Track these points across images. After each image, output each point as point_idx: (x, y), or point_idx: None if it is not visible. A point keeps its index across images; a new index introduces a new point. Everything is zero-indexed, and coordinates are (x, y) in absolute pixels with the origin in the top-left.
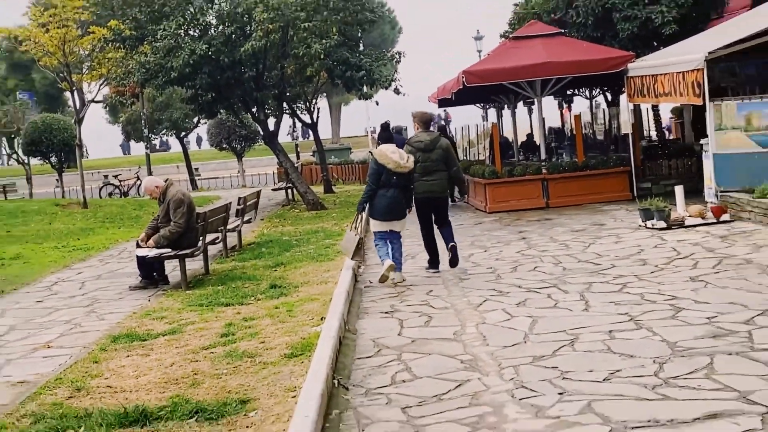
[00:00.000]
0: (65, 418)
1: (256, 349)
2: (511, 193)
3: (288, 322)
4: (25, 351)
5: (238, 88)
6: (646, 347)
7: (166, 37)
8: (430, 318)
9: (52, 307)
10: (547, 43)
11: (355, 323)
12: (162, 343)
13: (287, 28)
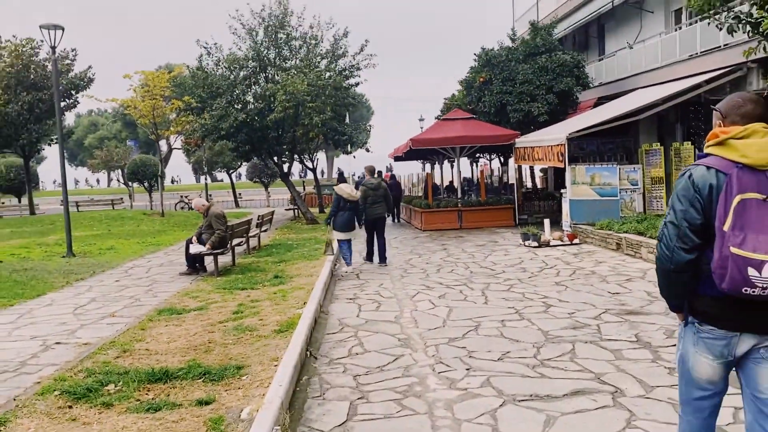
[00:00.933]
0: (109, 374)
1: (256, 324)
2: (437, 218)
3: (281, 305)
4: (96, 318)
5: (266, 144)
6: (527, 334)
7: (219, 109)
8: (379, 304)
9: (124, 286)
10: (465, 124)
11: (329, 306)
12: (192, 317)
13: (298, 106)
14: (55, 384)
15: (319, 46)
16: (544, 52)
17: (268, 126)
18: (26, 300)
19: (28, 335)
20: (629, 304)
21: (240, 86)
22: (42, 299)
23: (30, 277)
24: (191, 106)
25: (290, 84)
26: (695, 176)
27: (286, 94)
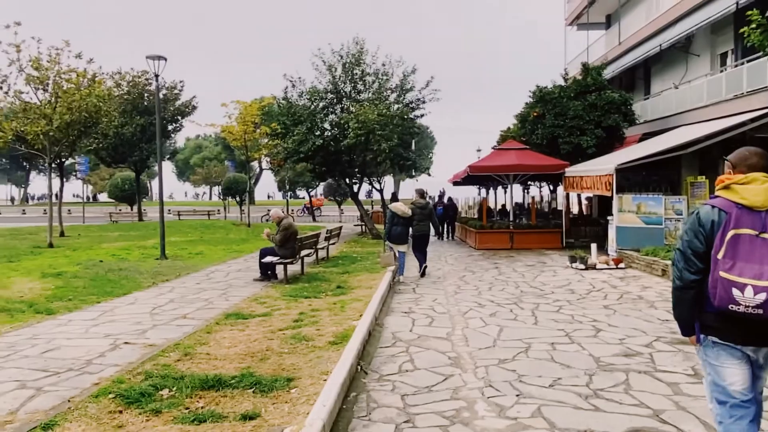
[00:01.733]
0: (166, 378)
1: (312, 334)
2: (490, 238)
3: (339, 315)
4: (169, 319)
5: (339, 166)
6: (578, 360)
7: (300, 134)
8: (433, 319)
9: (202, 288)
10: (518, 153)
11: (384, 319)
12: (255, 323)
13: (369, 134)
14: (111, 386)
15: (389, 81)
16: (594, 91)
17: (342, 150)
18: (113, 298)
19: (103, 333)
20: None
21: (319, 115)
22: (127, 298)
23: (122, 276)
24: (276, 131)
25: (362, 114)
26: (701, 214)
27: (358, 122)
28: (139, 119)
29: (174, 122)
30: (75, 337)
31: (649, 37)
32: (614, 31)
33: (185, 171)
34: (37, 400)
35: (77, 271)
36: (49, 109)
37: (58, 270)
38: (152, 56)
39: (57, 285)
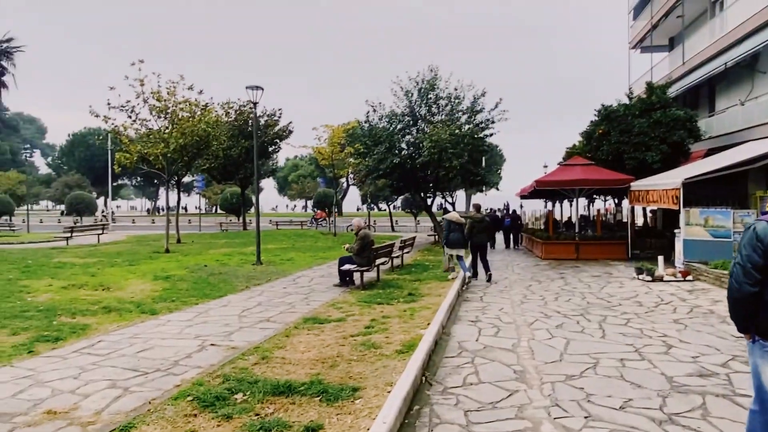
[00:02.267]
0: (242, 382)
1: (381, 342)
2: (556, 248)
3: (408, 323)
4: (255, 322)
5: (414, 182)
6: (650, 379)
7: (379, 154)
8: (499, 329)
9: (287, 293)
10: (584, 168)
11: (451, 327)
12: (330, 328)
13: (441, 152)
14: (191, 388)
15: (461, 104)
16: (659, 108)
17: (417, 167)
18: (210, 300)
19: (194, 335)
20: None
21: (396, 136)
22: (222, 300)
23: (221, 280)
24: (359, 151)
25: (435, 134)
26: (758, 229)
27: (432, 142)
28: (244, 142)
29: (273, 144)
30: (169, 338)
31: (713, 56)
32: (678, 52)
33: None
34: (123, 400)
35: (184, 275)
36: (167, 134)
37: (168, 273)
38: (251, 86)
39: (164, 287)
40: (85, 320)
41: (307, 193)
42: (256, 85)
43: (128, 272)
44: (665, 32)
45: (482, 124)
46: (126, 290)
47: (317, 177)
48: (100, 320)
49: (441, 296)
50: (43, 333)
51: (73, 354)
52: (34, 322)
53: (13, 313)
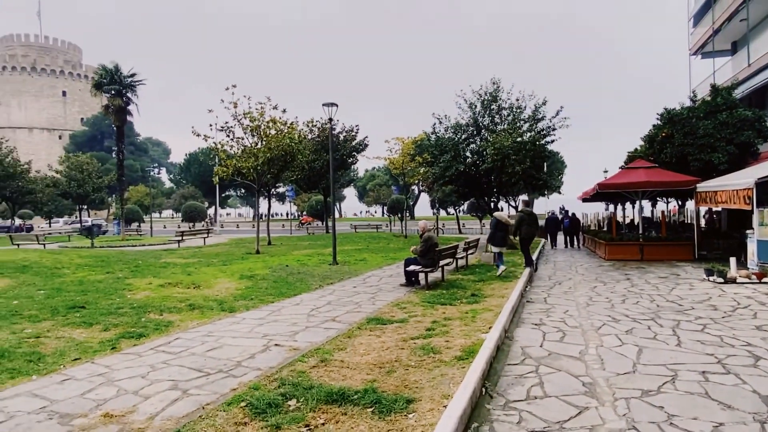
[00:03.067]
0: (297, 387)
1: (441, 346)
2: (620, 249)
3: (470, 326)
4: (321, 321)
5: (479, 187)
6: (740, 397)
7: (445, 162)
8: (564, 334)
9: (356, 292)
10: (647, 171)
11: (514, 331)
12: (392, 329)
13: (504, 158)
14: (246, 393)
15: (523, 113)
16: (725, 110)
17: (481, 174)
18: (284, 298)
19: (262, 334)
20: None
21: (461, 145)
22: (295, 299)
23: (298, 279)
24: (427, 160)
25: (498, 141)
26: None
27: (495, 149)
28: (325, 156)
29: (351, 157)
30: (239, 336)
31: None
32: (742, 54)
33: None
34: (179, 404)
35: (266, 274)
36: (256, 150)
37: (253, 273)
38: (327, 103)
39: (247, 286)
40: (170, 317)
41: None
42: (331, 102)
43: (219, 271)
44: (727, 37)
45: (543, 131)
46: (213, 288)
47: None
48: (184, 317)
49: (504, 297)
50: (130, 329)
51: (149, 351)
52: (125, 319)
53: (110, 309)
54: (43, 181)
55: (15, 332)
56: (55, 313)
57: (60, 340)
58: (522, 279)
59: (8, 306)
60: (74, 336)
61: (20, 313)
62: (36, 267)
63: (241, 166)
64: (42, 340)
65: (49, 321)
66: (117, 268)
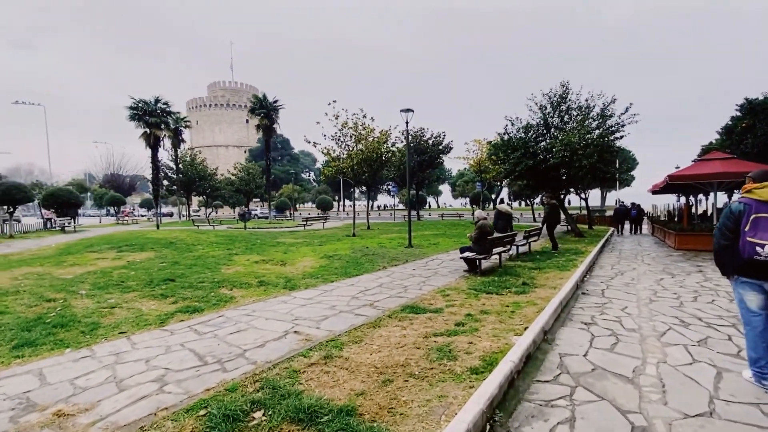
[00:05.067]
0: (273, 395)
1: (461, 349)
2: (691, 239)
3: (505, 323)
4: (358, 305)
5: (547, 181)
6: None
7: (514, 158)
8: (617, 340)
9: (411, 275)
10: (723, 162)
11: (557, 331)
12: (420, 321)
13: (572, 154)
14: (214, 397)
15: (591, 112)
16: None
17: (550, 168)
18: (345, 278)
19: (295, 316)
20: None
21: (531, 143)
22: (354, 279)
23: (369, 260)
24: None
25: (566, 138)
26: (732, 206)
27: (563, 145)
28: (416, 157)
29: (438, 159)
30: (272, 318)
31: None
32: None
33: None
34: (140, 404)
35: (346, 254)
36: (353, 153)
37: (336, 252)
38: (404, 109)
39: (322, 265)
40: (236, 293)
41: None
42: (408, 108)
43: (311, 251)
44: None
45: (612, 127)
46: (295, 266)
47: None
48: (247, 294)
49: (556, 288)
50: (193, 303)
51: (183, 329)
52: (198, 293)
53: (192, 283)
54: (224, 182)
55: (100, 302)
56: (148, 285)
57: (129, 311)
58: (581, 268)
59: (121, 276)
60: (143, 308)
61: (124, 283)
62: (180, 243)
63: (341, 167)
64: (115, 310)
65: (136, 292)
66: (236, 246)
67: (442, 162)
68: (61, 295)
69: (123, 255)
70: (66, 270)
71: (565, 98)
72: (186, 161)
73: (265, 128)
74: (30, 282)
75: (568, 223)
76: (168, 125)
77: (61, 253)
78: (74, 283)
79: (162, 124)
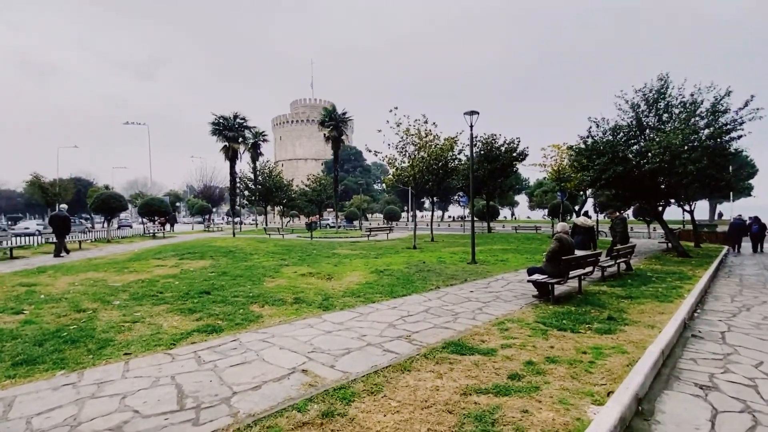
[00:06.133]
0: None
1: (511, 422)
2: None
3: (579, 380)
4: (392, 337)
5: (641, 190)
6: None
7: (600, 164)
8: (755, 421)
9: (468, 299)
10: None
11: (659, 397)
12: (463, 367)
13: (673, 158)
14: None
15: (698, 108)
16: None
17: (644, 175)
18: (389, 299)
19: (313, 347)
20: None
21: (620, 146)
22: (398, 301)
23: (422, 277)
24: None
25: (665, 139)
26: None
27: (661, 147)
28: (487, 165)
29: (511, 166)
30: (285, 348)
31: None
32: None
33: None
34: None
35: (398, 270)
36: (415, 161)
37: (388, 267)
38: (467, 112)
39: (369, 281)
40: (266, 311)
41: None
42: (472, 110)
43: (364, 264)
44: None
45: (727, 125)
46: (341, 281)
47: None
48: (276, 313)
49: (654, 328)
50: (217, 322)
51: (187, 354)
52: (227, 309)
53: (225, 297)
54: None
55: (126, 315)
56: (182, 298)
57: (149, 327)
58: (689, 299)
59: (165, 285)
60: (164, 324)
61: (162, 294)
62: (238, 252)
63: (402, 175)
64: (136, 325)
65: (168, 305)
66: (291, 256)
67: (516, 170)
68: (95, 305)
69: (182, 263)
70: (122, 277)
71: (663, 93)
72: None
73: (334, 139)
74: (81, 288)
75: (669, 240)
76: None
77: (132, 258)
78: (118, 291)
79: (239, 138)
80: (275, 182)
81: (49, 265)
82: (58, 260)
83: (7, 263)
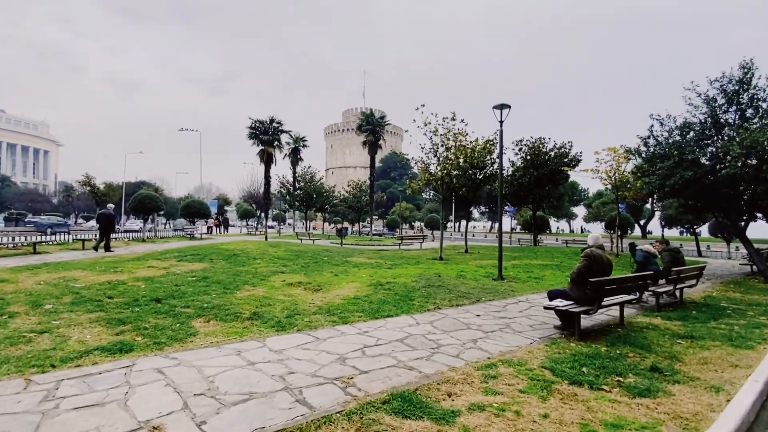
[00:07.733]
0: None
1: None
2: None
3: None
4: (316, 383)
5: (717, 200)
6: None
7: (663, 169)
8: None
9: (469, 325)
10: None
11: None
12: None
13: (761, 161)
14: None
15: None
16: None
17: (721, 182)
18: (371, 319)
19: (205, 388)
20: None
21: (688, 148)
22: (379, 322)
23: (425, 294)
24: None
25: (748, 138)
26: None
27: (742, 147)
28: (533, 172)
29: (561, 173)
30: (170, 386)
31: None
32: None
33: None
34: None
35: (403, 283)
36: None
37: (393, 280)
38: (497, 105)
39: (360, 295)
40: (209, 327)
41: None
42: (503, 103)
43: (369, 275)
44: None
45: None
46: (329, 293)
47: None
48: (217, 330)
49: (721, 390)
50: (134, 339)
51: (42, 385)
52: (165, 321)
53: (172, 308)
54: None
55: (42, 322)
56: (126, 306)
57: (54, 340)
58: None
59: (126, 290)
60: (74, 337)
61: (109, 299)
62: (242, 256)
63: (431, 179)
64: (40, 337)
65: (101, 313)
66: (295, 263)
67: (567, 177)
68: (22, 309)
69: (177, 264)
70: (97, 277)
71: (747, 84)
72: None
73: (371, 144)
74: (38, 288)
75: (753, 261)
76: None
77: (139, 258)
78: (68, 293)
79: (275, 142)
80: (315, 188)
81: (42, 263)
82: (69, 256)
83: (13, 258)
